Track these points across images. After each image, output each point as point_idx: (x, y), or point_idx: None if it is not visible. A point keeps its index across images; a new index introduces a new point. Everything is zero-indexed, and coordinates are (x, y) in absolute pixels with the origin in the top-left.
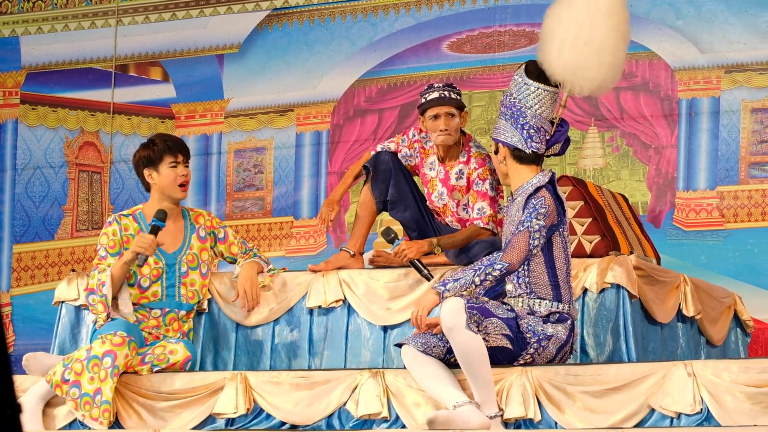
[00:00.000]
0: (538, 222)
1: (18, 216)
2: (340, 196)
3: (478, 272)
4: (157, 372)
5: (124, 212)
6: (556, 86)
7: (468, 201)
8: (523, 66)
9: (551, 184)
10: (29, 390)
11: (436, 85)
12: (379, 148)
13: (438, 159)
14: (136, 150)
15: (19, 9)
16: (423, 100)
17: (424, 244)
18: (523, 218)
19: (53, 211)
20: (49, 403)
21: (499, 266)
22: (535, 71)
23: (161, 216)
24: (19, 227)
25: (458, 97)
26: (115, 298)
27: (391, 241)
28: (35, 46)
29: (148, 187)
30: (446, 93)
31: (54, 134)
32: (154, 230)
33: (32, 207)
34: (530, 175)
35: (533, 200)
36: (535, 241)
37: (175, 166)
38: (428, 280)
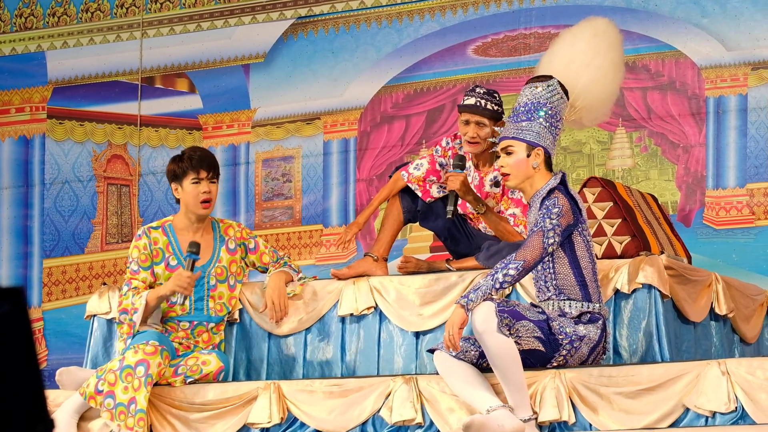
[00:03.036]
0: (551, 221)
1: (47, 230)
2: (364, 220)
3: (495, 276)
4: (190, 383)
5: (153, 225)
6: None
7: (501, 208)
8: (556, 79)
9: (563, 185)
10: (63, 404)
11: (478, 89)
12: (411, 169)
13: (473, 165)
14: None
15: (45, 24)
16: (463, 99)
17: (471, 191)
18: (537, 219)
19: (82, 224)
20: (84, 417)
21: (513, 265)
22: (563, 87)
23: (195, 249)
24: (49, 242)
25: (495, 108)
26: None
27: (460, 168)
28: (61, 61)
29: (178, 200)
30: (482, 102)
31: (81, 148)
32: (192, 265)
33: (61, 221)
34: (545, 180)
35: (546, 202)
36: (550, 240)
37: (197, 182)
38: (449, 213)
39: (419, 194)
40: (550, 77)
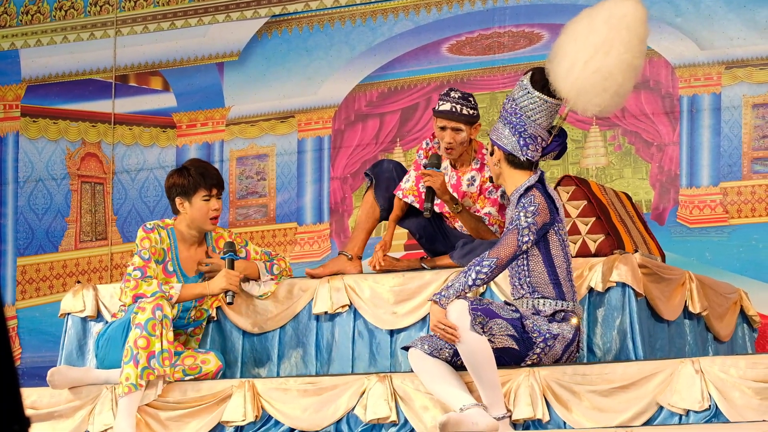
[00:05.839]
0: (526, 219)
1: (21, 229)
2: (389, 239)
3: (468, 273)
4: (189, 380)
5: (160, 223)
6: (560, 98)
7: (477, 207)
8: (529, 74)
9: (541, 183)
10: (117, 421)
11: (453, 93)
12: (402, 185)
13: (450, 164)
14: (169, 173)
15: (18, 22)
16: (438, 104)
17: (448, 190)
18: (513, 217)
19: (56, 223)
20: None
21: (487, 262)
22: (541, 81)
23: (233, 248)
24: (23, 240)
25: (470, 112)
26: None
27: (436, 167)
28: (35, 59)
29: (175, 211)
30: (457, 107)
31: (55, 146)
32: (232, 264)
33: (35, 219)
34: (523, 179)
35: (523, 199)
36: (524, 238)
37: (207, 200)
38: (427, 210)
39: (416, 206)
40: (527, 72)
